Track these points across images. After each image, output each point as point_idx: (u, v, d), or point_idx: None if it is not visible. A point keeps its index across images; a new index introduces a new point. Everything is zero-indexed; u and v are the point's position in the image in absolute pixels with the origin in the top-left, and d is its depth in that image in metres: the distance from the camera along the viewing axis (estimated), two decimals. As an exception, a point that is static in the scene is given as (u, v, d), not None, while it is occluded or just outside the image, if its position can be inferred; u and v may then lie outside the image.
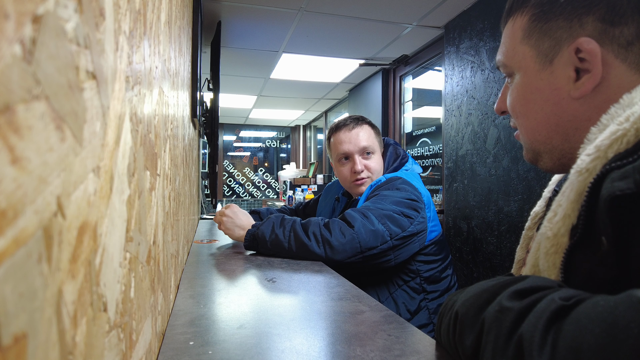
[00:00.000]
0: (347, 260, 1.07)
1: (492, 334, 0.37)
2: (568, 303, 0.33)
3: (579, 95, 0.52)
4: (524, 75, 0.58)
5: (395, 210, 1.15)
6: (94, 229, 0.25)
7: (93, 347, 0.25)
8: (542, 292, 0.37)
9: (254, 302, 0.74)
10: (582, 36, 0.50)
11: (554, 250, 0.44)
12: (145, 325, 0.43)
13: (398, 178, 1.31)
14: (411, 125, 3.49)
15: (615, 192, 0.36)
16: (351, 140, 1.41)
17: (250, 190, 6.99)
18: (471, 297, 0.43)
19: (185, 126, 1.05)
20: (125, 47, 0.33)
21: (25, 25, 0.16)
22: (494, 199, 2.18)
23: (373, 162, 1.41)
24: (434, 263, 1.30)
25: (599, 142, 0.42)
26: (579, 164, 0.43)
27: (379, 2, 2.34)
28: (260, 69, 3.65)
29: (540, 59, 0.55)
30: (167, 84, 0.64)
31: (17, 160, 0.16)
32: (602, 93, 0.50)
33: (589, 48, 0.50)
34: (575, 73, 0.52)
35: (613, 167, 0.38)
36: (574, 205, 0.42)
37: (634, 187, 0.35)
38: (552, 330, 0.32)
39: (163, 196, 0.58)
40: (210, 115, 2.23)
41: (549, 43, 0.54)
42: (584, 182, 0.41)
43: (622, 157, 0.38)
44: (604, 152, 0.41)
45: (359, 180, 1.41)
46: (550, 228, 0.45)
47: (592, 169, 0.41)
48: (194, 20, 1.46)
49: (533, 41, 0.55)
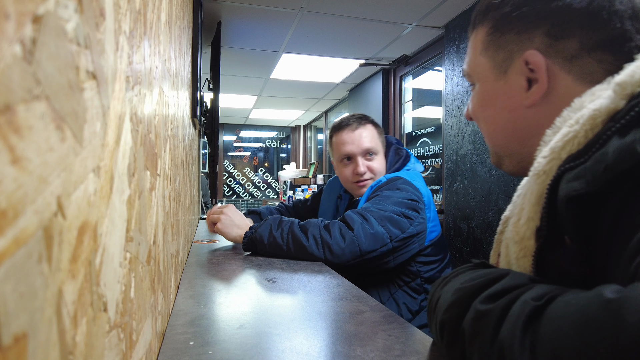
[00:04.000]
0: (347, 263, 1.06)
1: (476, 345, 0.37)
2: (540, 303, 0.34)
3: (529, 103, 0.55)
4: (482, 84, 0.62)
5: (396, 211, 1.14)
6: (94, 229, 0.25)
7: (93, 347, 0.25)
8: (515, 291, 0.38)
9: (254, 302, 0.74)
10: (531, 49, 0.54)
11: (523, 254, 0.45)
12: (146, 325, 0.43)
13: (399, 178, 1.29)
14: (411, 126, 3.50)
15: (570, 193, 0.38)
16: (354, 141, 1.38)
17: (250, 190, 6.99)
18: (451, 306, 0.44)
19: (185, 126, 1.05)
20: (125, 47, 0.33)
21: (26, 25, 0.16)
22: (494, 199, 2.18)
23: (376, 163, 1.39)
24: (434, 264, 1.30)
25: (553, 144, 0.44)
26: (536, 166, 0.45)
27: (379, 2, 2.34)
28: (260, 69, 3.65)
29: (496, 70, 0.59)
30: (167, 84, 0.64)
31: (17, 160, 0.16)
32: (551, 102, 0.54)
33: (534, 60, 0.53)
34: (527, 83, 0.55)
35: (567, 168, 0.40)
36: (536, 207, 0.43)
37: (586, 186, 0.37)
38: (528, 333, 0.32)
39: (163, 196, 0.58)
40: (210, 115, 2.23)
41: (503, 55, 0.57)
42: (542, 185, 0.43)
43: (574, 158, 0.40)
44: (557, 153, 0.43)
45: (360, 182, 1.38)
46: (516, 232, 0.47)
47: (549, 171, 0.43)
48: (194, 20, 1.46)
49: (490, 53, 0.59)
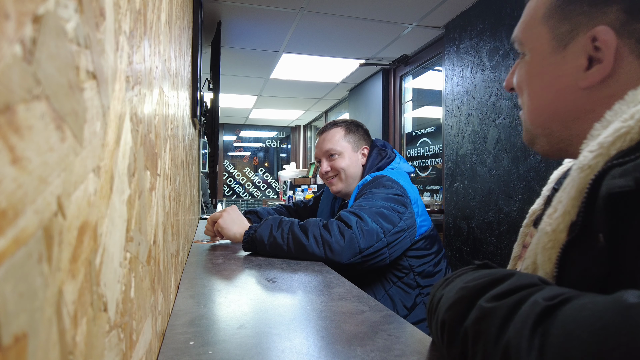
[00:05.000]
0: (347, 261, 1.07)
1: (480, 343, 0.36)
2: (552, 303, 0.32)
3: (586, 85, 0.50)
4: (534, 55, 0.56)
5: (385, 206, 1.19)
6: (94, 229, 0.25)
7: (93, 347, 0.25)
8: (523, 291, 0.36)
9: (254, 302, 0.74)
10: (602, 24, 0.49)
11: (551, 245, 0.44)
12: (146, 325, 0.43)
13: (383, 176, 1.35)
14: (411, 125, 3.50)
15: (613, 189, 0.36)
16: (318, 146, 1.58)
17: (250, 190, 6.99)
18: (453, 305, 0.43)
19: (185, 126, 1.05)
20: (125, 47, 0.33)
21: (26, 25, 0.16)
22: (494, 199, 2.18)
23: (340, 162, 1.52)
24: (426, 257, 1.33)
25: (602, 138, 0.41)
26: (581, 160, 0.42)
27: (379, 2, 2.34)
28: (260, 69, 3.65)
29: (555, 42, 0.53)
30: (167, 84, 0.64)
31: (17, 160, 0.16)
32: (610, 87, 0.49)
33: (605, 38, 0.48)
34: (588, 62, 0.50)
35: (615, 164, 0.38)
36: (574, 201, 0.42)
37: (633, 184, 0.35)
38: (537, 334, 0.31)
39: (163, 196, 0.58)
40: (210, 115, 2.23)
41: (568, 27, 0.52)
42: (585, 179, 0.41)
43: (624, 155, 0.38)
44: (606, 149, 0.40)
45: (328, 180, 1.56)
46: (549, 224, 0.45)
47: (594, 166, 0.40)
48: (194, 20, 1.46)
49: (553, 22, 0.54)
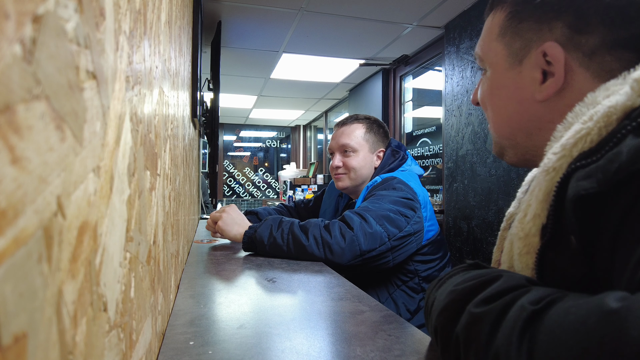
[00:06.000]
0: (347, 263, 1.07)
1: (472, 350, 0.37)
2: (538, 307, 0.33)
3: (542, 97, 0.53)
4: (494, 71, 0.59)
5: (392, 209, 1.16)
6: (94, 228, 0.25)
7: (93, 347, 0.25)
8: (510, 294, 0.37)
9: (254, 302, 0.74)
10: (550, 40, 0.51)
11: (526, 251, 0.45)
12: (146, 325, 0.43)
13: (394, 178, 1.32)
14: (411, 125, 3.50)
15: (579, 192, 0.37)
16: (335, 138, 1.52)
17: (250, 190, 7.00)
18: (443, 310, 0.43)
19: (185, 126, 1.05)
20: (125, 47, 0.33)
21: (26, 25, 0.16)
22: (494, 199, 2.18)
23: (353, 160, 1.47)
24: (432, 262, 1.30)
25: (564, 140, 0.43)
26: (546, 162, 0.44)
27: (379, 2, 2.34)
28: (260, 69, 3.65)
29: (510, 58, 0.56)
30: (167, 84, 0.64)
31: (17, 160, 0.16)
32: (565, 98, 0.52)
33: (553, 53, 0.51)
34: (542, 76, 0.53)
35: (578, 166, 0.39)
36: (543, 204, 0.42)
37: (596, 186, 0.36)
38: (525, 340, 0.32)
39: (163, 196, 0.58)
40: (210, 115, 2.23)
41: (520, 43, 0.55)
42: (551, 181, 0.42)
43: (586, 156, 0.39)
44: (569, 150, 0.41)
45: (336, 175, 1.51)
46: (521, 229, 0.46)
47: (559, 168, 0.41)
48: (194, 20, 1.46)
49: (506, 39, 0.57)
